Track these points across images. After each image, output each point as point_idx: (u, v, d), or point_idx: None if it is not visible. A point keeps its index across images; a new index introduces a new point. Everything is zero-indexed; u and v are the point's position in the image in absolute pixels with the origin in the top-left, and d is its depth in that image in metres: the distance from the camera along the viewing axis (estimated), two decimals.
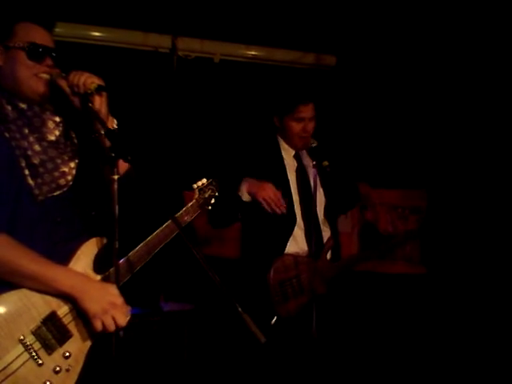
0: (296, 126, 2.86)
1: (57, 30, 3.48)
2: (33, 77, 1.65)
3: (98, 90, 1.65)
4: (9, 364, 1.46)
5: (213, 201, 2.17)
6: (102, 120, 1.63)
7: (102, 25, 3.87)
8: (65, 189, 1.69)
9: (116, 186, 1.50)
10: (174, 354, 3.39)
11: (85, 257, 1.67)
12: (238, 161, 2.94)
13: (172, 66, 4.00)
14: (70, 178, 1.71)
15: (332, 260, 2.90)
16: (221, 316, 3.24)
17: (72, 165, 1.73)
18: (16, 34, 1.65)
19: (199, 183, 2.15)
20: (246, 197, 2.70)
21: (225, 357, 3.34)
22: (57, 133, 1.72)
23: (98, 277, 1.68)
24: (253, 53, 4.33)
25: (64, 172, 1.69)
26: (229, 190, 2.61)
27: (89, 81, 1.64)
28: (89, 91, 1.63)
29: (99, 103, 1.66)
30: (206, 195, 2.14)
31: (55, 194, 1.66)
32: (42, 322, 1.53)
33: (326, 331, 2.73)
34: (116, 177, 1.51)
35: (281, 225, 2.79)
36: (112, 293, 1.57)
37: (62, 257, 1.63)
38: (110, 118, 1.74)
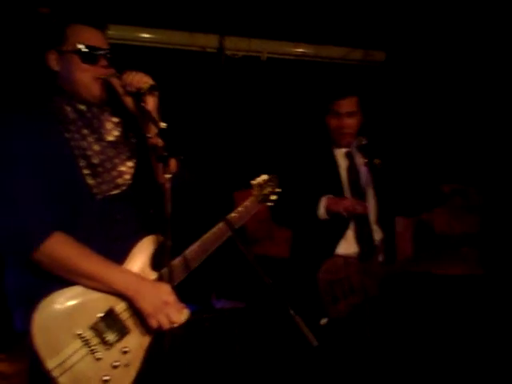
0: (333, 122, 2.81)
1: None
2: (89, 79, 1.67)
3: (151, 89, 1.66)
4: (67, 358, 1.47)
5: (274, 197, 2.15)
6: (155, 119, 1.63)
7: (149, 26, 3.92)
8: (123, 188, 1.71)
9: (168, 185, 1.51)
10: (225, 351, 3.40)
11: (141, 254, 1.69)
12: (289, 160, 2.91)
13: (219, 65, 4.02)
14: (127, 177, 1.73)
15: (385, 262, 2.82)
16: (272, 315, 3.22)
17: (130, 164, 1.75)
18: (68, 37, 1.67)
19: (259, 179, 2.13)
20: (322, 214, 2.68)
21: (274, 356, 3.33)
22: (115, 133, 1.75)
23: (155, 274, 1.69)
24: (300, 50, 4.29)
25: (122, 171, 1.71)
26: (306, 209, 2.64)
27: (142, 80, 1.66)
28: (141, 91, 1.64)
29: (151, 103, 1.67)
30: (266, 191, 2.12)
31: (113, 192, 1.68)
32: (100, 318, 1.55)
33: (379, 333, 2.67)
34: (168, 176, 1.52)
35: (332, 225, 2.74)
36: (165, 291, 1.58)
37: (119, 254, 1.65)
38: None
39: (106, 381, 1.51)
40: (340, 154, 2.92)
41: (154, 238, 1.72)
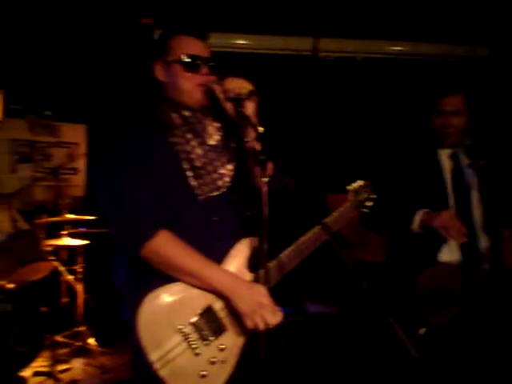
0: (438, 121, 2.68)
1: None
2: (191, 86, 1.74)
3: (250, 94, 1.70)
4: (168, 352, 1.52)
5: (369, 203, 2.11)
6: (253, 124, 1.67)
7: (245, 32, 3.99)
8: (222, 190, 1.77)
9: (265, 188, 1.53)
10: (315, 355, 3.37)
11: (238, 256, 1.72)
12: (388, 162, 2.82)
13: (314, 68, 4.00)
14: (227, 179, 1.78)
15: (491, 271, 2.64)
16: (365, 322, 3.14)
17: (229, 167, 1.80)
18: (172, 48, 1.75)
19: (355, 185, 2.10)
20: (416, 228, 2.59)
21: (366, 362, 3.25)
22: (216, 137, 1.81)
23: (251, 276, 1.72)
24: (398, 48, 4.17)
25: (222, 174, 1.77)
26: (400, 221, 2.55)
27: (241, 86, 1.70)
28: (241, 96, 1.68)
29: (250, 108, 1.71)
30: (361, 197, 2.09)
31: (214, 194, 1.74)
32: (199, 314, 1.59)
33: (483, 345, 2.51)
34: (266, 179, 1.54)
35: (434, 231, 2.62)
36: (260, 293, 1.60)
37: (218, 254, 1.69)
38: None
39: (203, 376, 1.55)
40: (444, 154, 2.77)
41: (251, 240, 1.75)
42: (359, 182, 2.11)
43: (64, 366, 3.75)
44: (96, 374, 3.72)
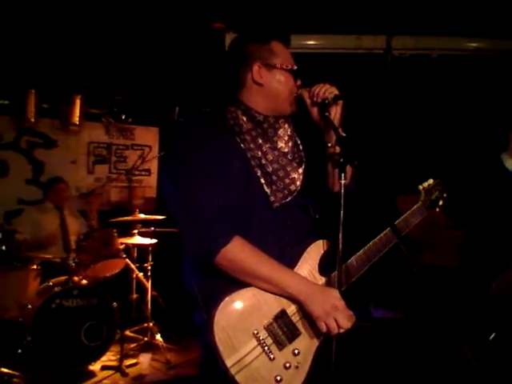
0: None
1: None
2: (290, 95, 1.76)
3: (335, 99, 1.70)
4: (244, 356, 1.52)
5: (441, 202, 2.03)
6: (337, 128, 1.66)
7: (315, 32, 3.94)
8: (294, 194, 1.75)
9: (343, 191, 1.52)
10: (380, 360, 3.28)
11: (310, 259, 1.71)
12: (461, 164, 2.71)
13: (387, 66, 3.88)
14: (298, 183, 1.76)
15: None
16: (431, 329, 3.01)
17: (300, 171, 1.78)
18: (275, 53, 1.74)
19: (425, 184, 2.03)
20: None
21: (429, 368, 3.11)
22: (287, 141, 1.80)
23: (323, 279, 1.70)
24: (475, 45, 3.95)
25: (293, 178, 1.75)
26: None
27: (328, 91, 1.70)
28: (327, 101, 1.69)
29: (335, 112, 1.71)
30: (433, 197, 2.02)
31: (287, 199, 1.73)
32: (273, 319, 1.58)
33: None
34: (344, 181, 1.53)
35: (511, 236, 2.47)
36: (334, 296, 1.58)
37: (290, 259, 1.68)
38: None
39: (278, 380, 1.54)
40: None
41: (323, 243, 1.73)
42: (430, 181, 2.03)
43: (132, 361, 3.85)
44: (162, 369, 3.79)
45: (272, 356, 1.54)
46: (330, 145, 1.69)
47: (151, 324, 4.20)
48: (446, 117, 3.89)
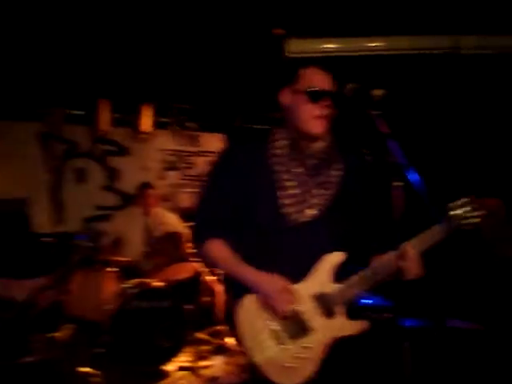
0: None
1: (336, 46, 3.68)
2: (311, 118, 1.82)
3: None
4: (261, 342, 1.74)
5: (475, 220, 1.82)
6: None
7: (378, 34, 3.90)
8: (314, 216, 1.84)
9: (397, 193, 1.54)
10: (453, 371, 3.18)
11: (322, 269, 1.82)
12: None
13: (453, 66, 3.79)
14: (320, 207, 1.84)
15: None
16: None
17: (327, 192, 1.86)
18: (301, 78, 1.84)
19: (456, 202, 1.84)
20: None
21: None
22: (317, 162, 1.87)
23: (333, 286, 1.80)
24: None
25: (315, 203, 1.84)
26: None
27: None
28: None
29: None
30: (464, 215, 1.82)
31: (304, 220, 1.83)
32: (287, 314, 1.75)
33: None
34: (399, 184, 1.58)
35: None
36: (280, 282, 1.74)
37: (303, 272, 1.81)
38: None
39: (289, 367, 1.74)
40: None
41: (337, 256, 1.82)
42: (462, 200, 1.90)
43: (205, 363, 3.95)
44: (235, 372, 3.87)
45: (285, 347, 1.75)
46: (386, 154, 1.72)
47: (223, 327, 4.29)
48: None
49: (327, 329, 1.77)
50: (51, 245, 4.52)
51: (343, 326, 1.79)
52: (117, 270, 4.21)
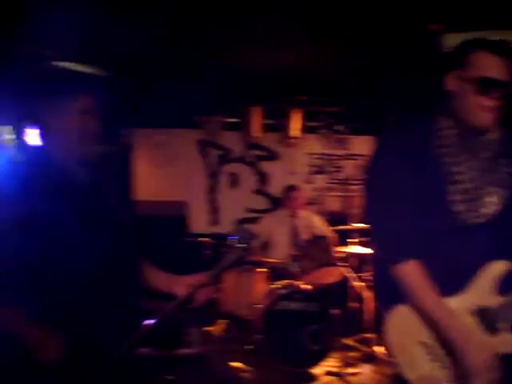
0: None
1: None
2: (479, 110, 1.63)
3: None
4: (413, 359, 1.65)
5: None
6: None
7: None
8: (489, 217, 1.66)
9: None
10: None
11: (485, 277, 1.66)
12: None
13: None
14: (494, 207, 1.66)
15: None
16: None
17: (500, 193, 1.67)
18: (470, 64, 1.64)
19: None
20: None
21: None
22: (491, 159, 1.68)
23: (498, 299, 1.64)
24: None
25: (490, 201, 1.66)
26: None
27: None
28: None
29: None
30: None
31: (477, 221, 1.65)
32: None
33: None
34: None
35: None
36: (487, 353, 1.54)
37: (465, 277, 1.65)
38: None
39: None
40: None
41: (503, 263, 1.65)
42: None
43: (353, 370, 3.90)
44: (383, 381, 3.77)
45: (442, 366, 1.62)
46: None
47: (372, 335, 4.21)
48: None
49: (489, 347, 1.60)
50: (207, 244, 4.80)
51: (507, 344, 1.63)
52: (266, 270, 4.33)
